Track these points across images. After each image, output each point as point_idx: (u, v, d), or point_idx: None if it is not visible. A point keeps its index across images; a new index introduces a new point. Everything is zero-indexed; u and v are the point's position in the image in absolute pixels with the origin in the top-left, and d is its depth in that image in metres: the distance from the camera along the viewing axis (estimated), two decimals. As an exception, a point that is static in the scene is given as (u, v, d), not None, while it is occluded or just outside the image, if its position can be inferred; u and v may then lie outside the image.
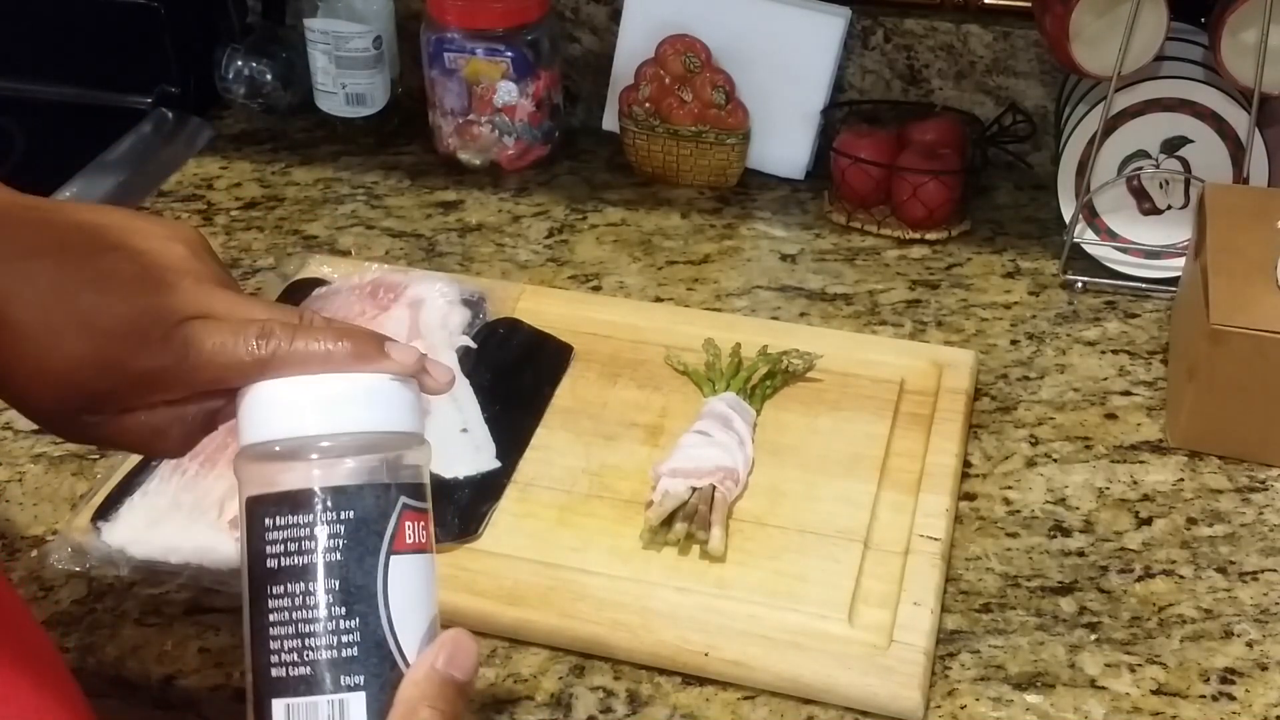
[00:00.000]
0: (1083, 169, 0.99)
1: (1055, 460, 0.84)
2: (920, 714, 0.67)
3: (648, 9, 1.14)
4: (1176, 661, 0.70)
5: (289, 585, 0.45)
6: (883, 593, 0.72)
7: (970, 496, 0.81)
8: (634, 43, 1.14)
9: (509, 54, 1.11)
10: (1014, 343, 0.95)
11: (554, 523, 0.77)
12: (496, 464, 0.80)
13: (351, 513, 0.45)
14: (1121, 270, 1.00)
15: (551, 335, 0.92)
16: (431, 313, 0.89)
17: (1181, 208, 1.00)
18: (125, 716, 0.74)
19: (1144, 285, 1.00)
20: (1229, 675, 0.69)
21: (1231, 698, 0.68)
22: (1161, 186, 1.00)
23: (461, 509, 0.77)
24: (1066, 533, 0.78)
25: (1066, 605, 0.74)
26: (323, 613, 0.45)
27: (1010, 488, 0.82)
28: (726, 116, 1.11)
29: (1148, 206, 1.01)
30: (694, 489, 0.76)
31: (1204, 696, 0.68)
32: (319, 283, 0.96)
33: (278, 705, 0.45)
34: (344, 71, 1.16)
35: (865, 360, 0.89)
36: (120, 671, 0.70)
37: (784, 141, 1.14)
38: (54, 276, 0.49)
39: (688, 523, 0.74)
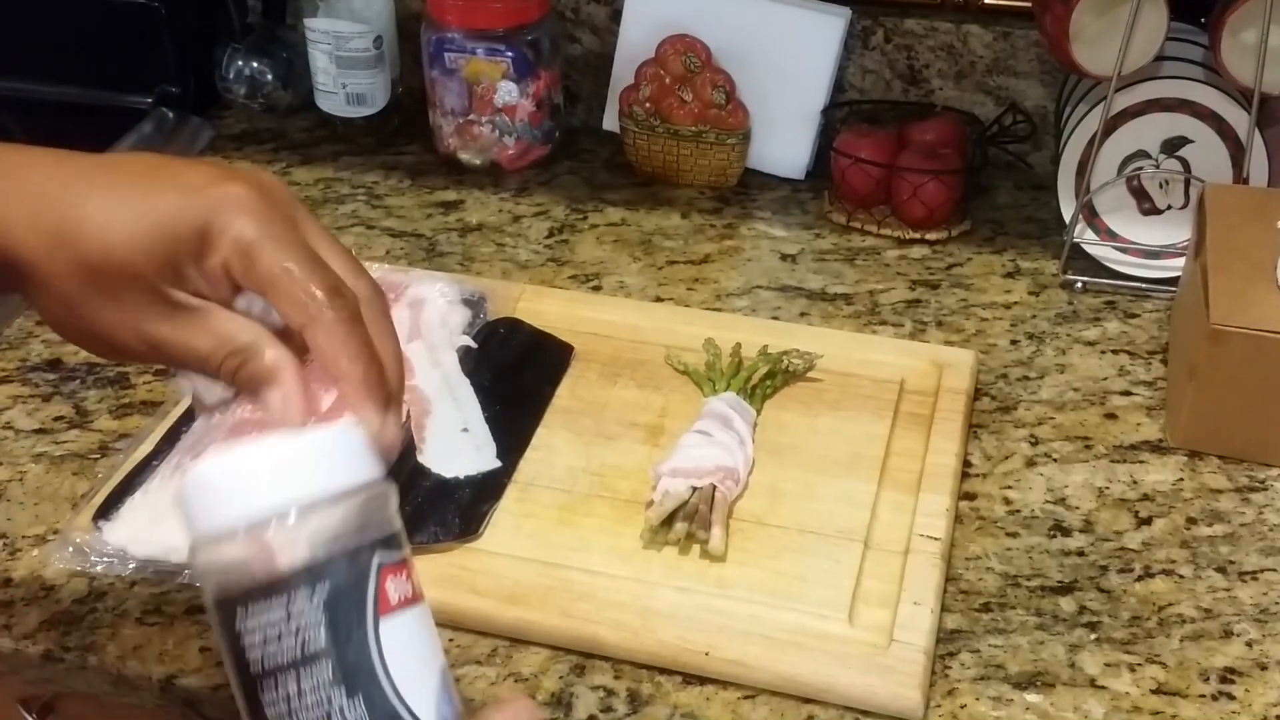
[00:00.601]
0: (1083, 169, 0.99)
1: (1055, 460, 0.84)
2: (920, 713, 0.67)
3: (648, 9, 1.14)
4: (1176, 661, 0.70)
5: (280, 683, 0.40)
6: (883, 592, 0.72)
7: (970, 496, 0.81)
8: (634, 43, 1.14)
9: (509, 54, 1.11)
10: (1014, 343, 0.95)
11: (554, 522, 0.77)
12: (497, 464, 0.80)
13: (326, 587, 0.40)
14: (1121, 270, 1.00)
15: (552, 335, 0.92)
16: (432, 313, 0.89)
17: (1181, 208, 1.00)
18: (126, 716, 0.74)
19: (1144, 285, 1.00)
20: (1229, 675, 0.70)
21: (1231, 697, 0.68)
22: (1161, 186, 1.00)
23: (462, 509, 0.77)
24: (1066, 532, 0.79)
25: (1066, 605, 0.74)
26: (324, 705, 0.40)
27: (1010, 487, 0.82)
28: (727, 116, 1.11)
29: (1148, 206, 1.01)
30: (694, 489, 0.76)
31: (1204, 696, 0.68)
32: (319, 282, 0.96)
33: None
34: (344, 71, 1.16)
35: (865, 360, 0.89)
36: (121, 671, 0.70)
37: (784, 141, 1.14)
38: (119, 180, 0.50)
39: (688, 522, 0.75)
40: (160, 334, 0.50)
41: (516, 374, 0.88)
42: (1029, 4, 1.05)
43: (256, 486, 0.41)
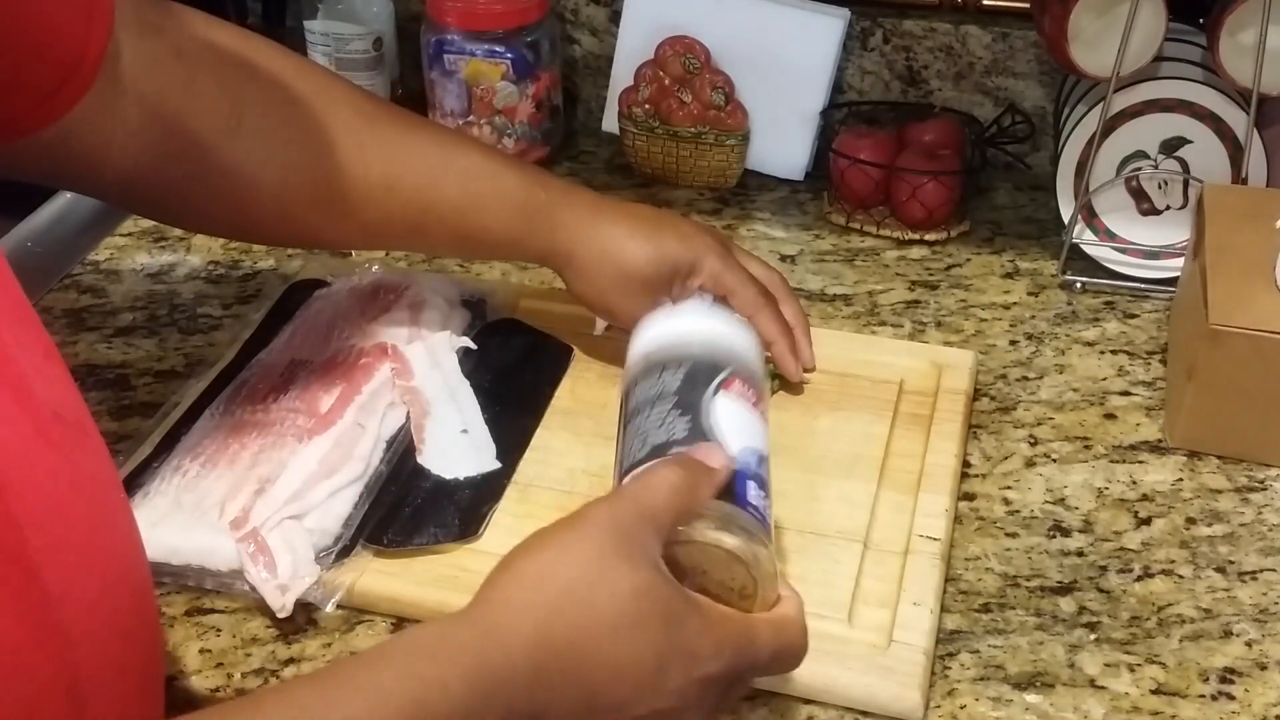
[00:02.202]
0: (1081, 169, 0.99)
1: (1054, 460, 0.84)
2: (920, 714, 0.67)
3: (647, 10, 1.14)
4: (1176, 661, 0.70)
5: (652, 404, 0.61)
6: (882, 593, 0.72)
7: (970, 496, 0.81)
8: (633, 44, 1.15)
9: (509, 55, 1.11)
10: (1013, 343, 0.95)
11: (554, 523, 0.77)
12: (497, 465, 0.81)
13: (687, 367, 0.62)
14: (1120, 270, 1.01)
15: (551, 336, 0.92)
16: (432, 314, 0.89)
17: (1180, 208, 1.00)
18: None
19: (1143, 285, 1.00)
20: (1228, 675, 0.70)
21: (1231, 697, 0.68)
22: (1160, 187, 1.00)
23: (462, 509, 0.77)
24: (1066, 533, 0.79)
25: (1066, 605, 0.74)
26: (664, 419, 0.60)
27: (1009, 488, 0.82)
28: (726, 117, 1.11)
29: (1146, 207, 1.01)
30: (694, 489, 0.76)
31: (1203, 696, 0.69)
32: (320, 284, 0.96)
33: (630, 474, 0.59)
34: (344, 73, 1.16)
35: (865, 360, 0.89)
36: (122, 672, 0.70)
37: (783, 142, 1.14)
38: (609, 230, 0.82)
39: (688, 523, 0.75)
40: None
41: (516, 375, 0.88)
42: (1027, 5, 1.05)
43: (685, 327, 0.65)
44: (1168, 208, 1.00)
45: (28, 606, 0.44)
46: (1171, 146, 0.98)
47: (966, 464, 0.83)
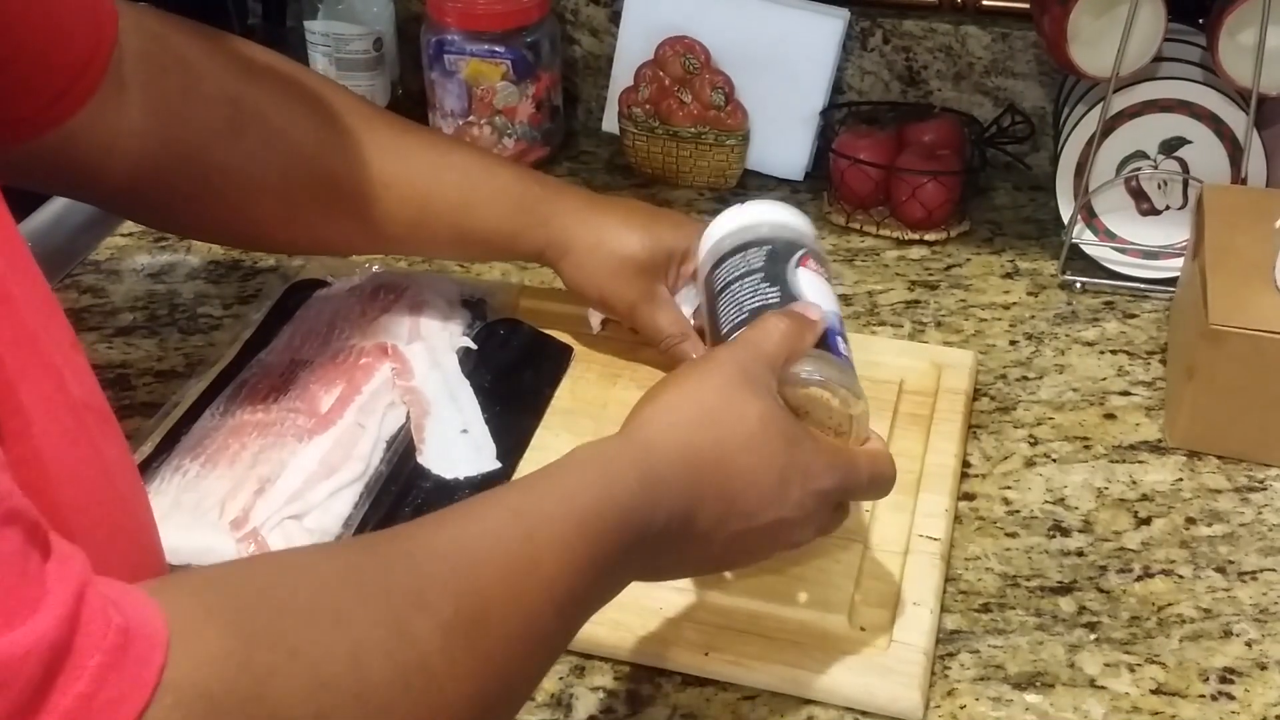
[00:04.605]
0: (1081, 170, 0.99)
1: (1054, 460, 0.84)
2: (920, 714, 0.67)
3: (647, 11, 1.14)
4: (1176, 661, 0.70)
5: (730, 289, 0.70)
6: (882, 592, 0.72)
7: (969, 496, 0.81)
8: (633, 44, 1.15)
9: (509, 55, 1.11)
10: (1013, 343, 0.95)
11: (554, 523, 0.77)
12: (497, 465, 0.81)
13: (769, 248, 0.70)
14: (1120, 270, 1.01)
15: (551, 336, 0.92)
16: (432, 314, 0.89)
17: (1180, 208, 1.00)
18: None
19: (1142, 285, 1.00)
20: (1228, 675, 0.70)
21: (1231, 697, 0.68)
22: (1160, 187, 1.00)
23: (462, 510, 0.77)
24: (1066, 533, 0.79)
25: (1066, 605, 0.74)
26: (756, 288, 0.68)
27: (1009, 488, 0.82)
28: (726, 118, 1.11)
29: (1146, 207, 1.01)
30: (695, 489, 0.77)
31: (1203, 696, 0.69)
32: (320, 284, 0.96)
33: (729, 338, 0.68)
34: (344, 73, 1.16)
35: (864, 360, 0.88)
36: (122, 672, 0.70)
37: (783, 143, 1.14)
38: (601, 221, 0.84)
39: (688, 523, 0.75)
40: (640, 308, 0.84)
41: (516, 375, 0.88)
42: (1027, 5, 1.05)
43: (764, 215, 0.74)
44: (1167, 208, 1.00)
45: None
46: (1171, 146, 0.98)
47: (966, 464, 0.83)
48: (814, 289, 0.69)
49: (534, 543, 0.51)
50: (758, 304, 0.68)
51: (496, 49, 1.11)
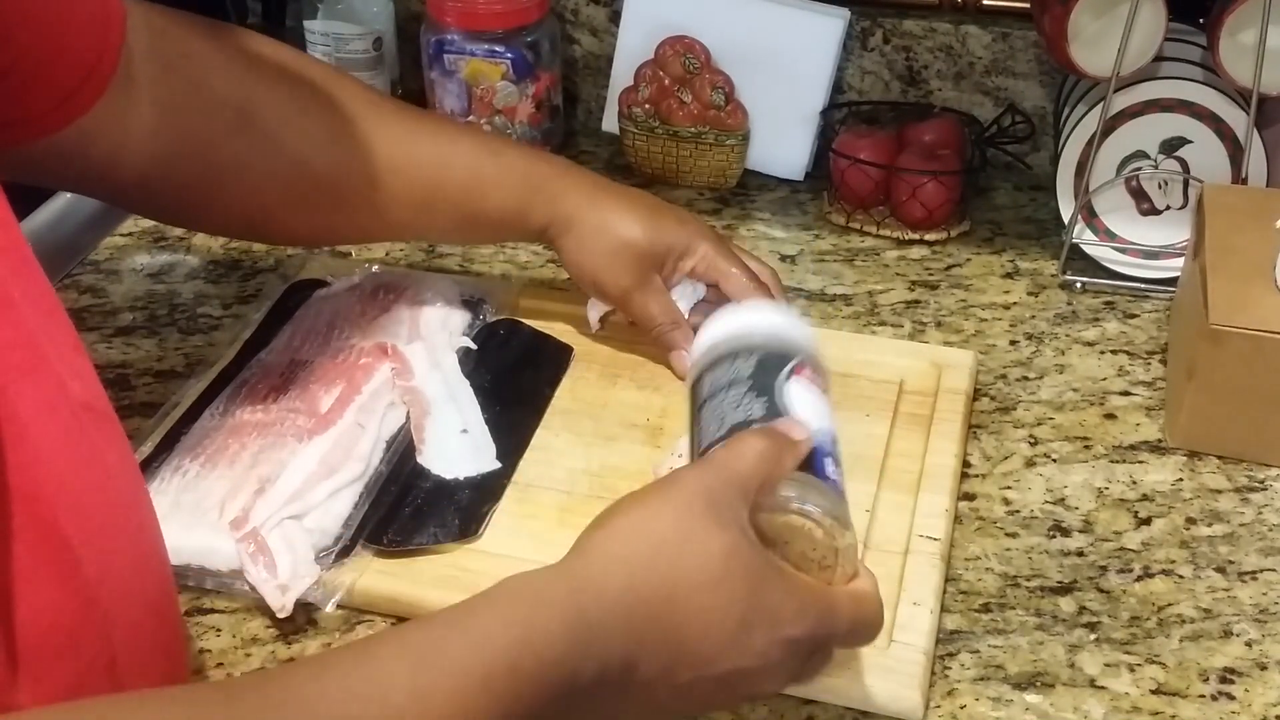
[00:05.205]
0: (1081, 169, 0.99)
1: (1054, 460, 0.84)
2: (920, 714, 0.67)
3: (647, 10, 1.14)
4: (1176, 661, 0.70)
5: (716, 398, 0.63)
6: (882, 593, 0.72)
7: (969, 496, 0.81)
8: (633, 44, 1.15)
9: (509, 55, 1.11)
10: (1013, 343, 0.95)
11: (555, 523, 0.77)
12: (497, 465, 0.81)
13: (759, 356, 0.63)
14: (1120, 270, 1.01)
15: (551, 336, 0.92)
16: (432, 314, 0.89)
17: (1180, 208, 1.00)
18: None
19: (1143, 285, 1.00)
20: (1228, 675, 0.70)
21: (1231, 697, 0.68)
22: (1160, 187, 1.00)
23: (462, 510, 0.77)
24: (1066, 533, 0.79)
25: (1066, 605, 0.74)
26: (741, 401, 0.61)
27: (1009, 488, 0.82)
28: (726, 117, 1.11)
29: (1146, 207, 1.01)
30: (695, 489, 0.76)
31: (1203, 696, 0.69)
32: (320, 284, 0.96)
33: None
34: (344, 73, 1.16)
35: (865, 361, 0.89)
36: (122, 672, 0.70)
37: (783, 142, 1.14)
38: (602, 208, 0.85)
39: (688, 523, 0.75)
40: (634, 294, 0.85)
41: (516, 375, 0.88)
42: (1027, 5, 1.05)
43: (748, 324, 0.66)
44: (1168, 208, 1.00)
45: (75, 588, 0.46)
46: (1171, 146, 0.98)
47: (966, 464, 0.83)
48: (805, 403, 0.62)
49: (426, 700, 0.46)
50: (740, 418, 0.61)
51: (496, 49, 1.11)
